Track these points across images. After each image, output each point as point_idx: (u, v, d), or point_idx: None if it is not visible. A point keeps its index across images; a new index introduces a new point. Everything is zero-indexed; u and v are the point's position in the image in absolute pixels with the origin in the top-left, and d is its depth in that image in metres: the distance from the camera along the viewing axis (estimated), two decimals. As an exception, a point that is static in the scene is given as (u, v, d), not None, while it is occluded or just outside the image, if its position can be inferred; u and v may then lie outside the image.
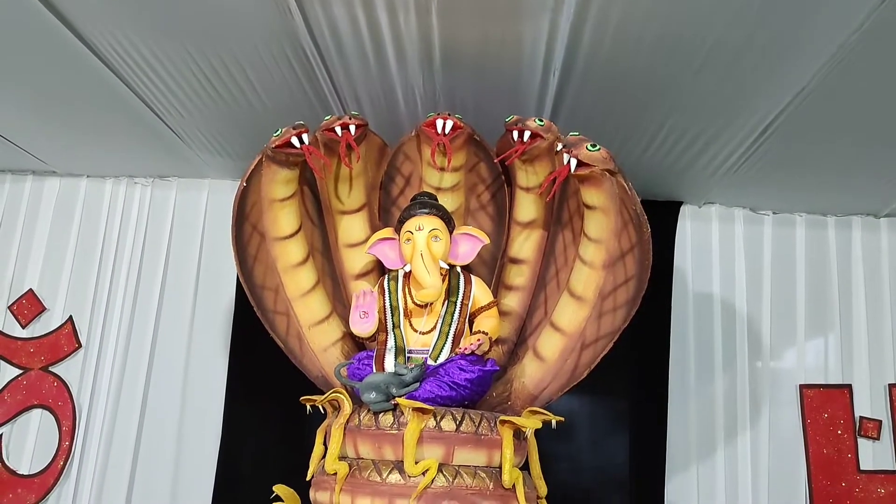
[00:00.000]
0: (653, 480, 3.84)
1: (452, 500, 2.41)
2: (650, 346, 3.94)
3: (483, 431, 2.53)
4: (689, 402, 3.91)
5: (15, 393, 4.09)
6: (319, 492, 2.59)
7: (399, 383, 2.54)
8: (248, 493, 3.50)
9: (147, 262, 4.16)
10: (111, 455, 3.98)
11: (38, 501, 3.95)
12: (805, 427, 3.86)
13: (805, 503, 3.80)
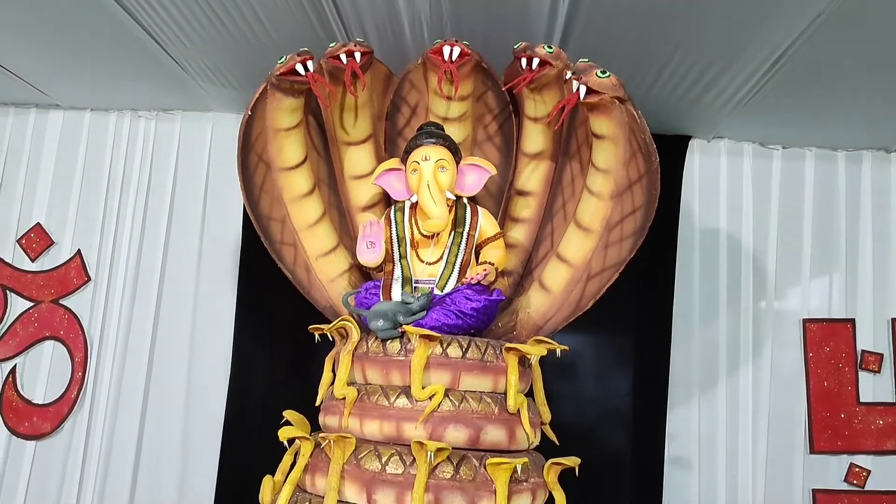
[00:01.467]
0: (654, 415, 3.90)
1: (458, 423, 2.47)
2: (655, 281, 3.96)
3: (489, 358, 2.57)
4: (692, 336, 3.95)
5: (27, 325, 4.15)
6: (329, 416, 2.65)
7: (406, 311, 2.57)
8: (259, 419, 3.58)
9: (153, 194, 4.16)
10: (123, 385, 4.06)
11: (54, 429, 4.05)
12: (807, 360, 3.91)
13: (804, 434, 3.87)
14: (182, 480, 3.93)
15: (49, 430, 4.05)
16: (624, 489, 3.91)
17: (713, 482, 3.89)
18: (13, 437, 4.06)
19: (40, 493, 3.99)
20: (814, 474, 3.84)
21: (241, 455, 3.78)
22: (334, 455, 2.43)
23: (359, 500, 2.40)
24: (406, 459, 2.41)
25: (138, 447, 3.98)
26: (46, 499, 3.98)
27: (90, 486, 3.94)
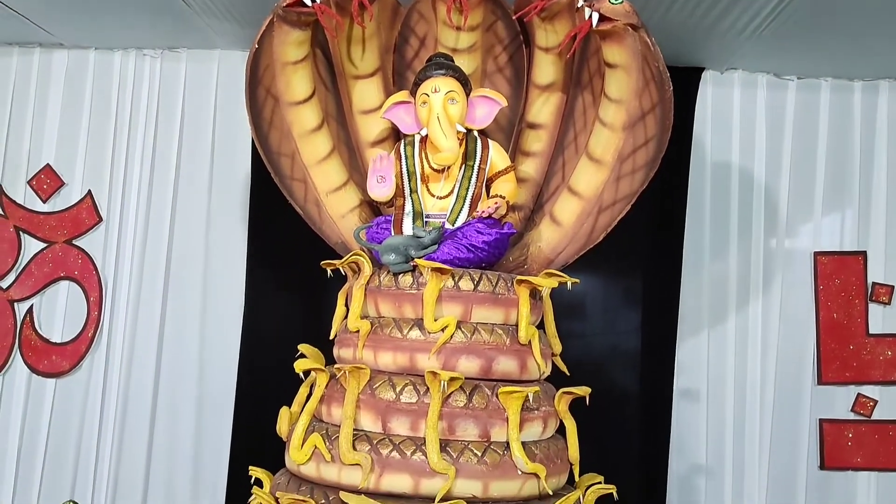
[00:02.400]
0: (663, 348, 3.94)
1: (470, 354, 2.50)
2: (666, 217, 3.95)
3: (500, 291, 2.59)
4: (702, 270, 3.96)
5: (41, 266, 4.19)
6: (343, 349, 2.69)
7: (417, 245, 2.58)
8: (274, 354, 3.63)
9: (161, 133, 4.14)
10: (139, 324, 4.12)
11: (72, 368, 4.13)
12: (817, 293, 3.92)
13: (813, 366, 3.91)
14: (199, 415, 4.02)
15: (68, 368, 4.13)
16: (633, 421, 3.98)
17: (721, 413, 3.95)
18: (34, 376, 4.14)
19: (62, 429, 4.09)
20: (821, 405, 3.89)
21: (257, 388, 3.86)
22: (349, 385, 2.47)
23: (374, 428, 2.46)
24: (420, 389, 2.46)
25: (155, 384, 4.06)
26: (68, 435, 4.09)
27: (110, 421, 4.04)
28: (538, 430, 2.54)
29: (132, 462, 4.01)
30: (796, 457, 3.87)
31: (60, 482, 3.99)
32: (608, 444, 3.50)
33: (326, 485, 2.45)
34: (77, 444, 4.05)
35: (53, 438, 4.07)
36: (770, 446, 3.89)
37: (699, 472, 3.95)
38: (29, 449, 4.06)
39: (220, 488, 3.93)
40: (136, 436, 4.03)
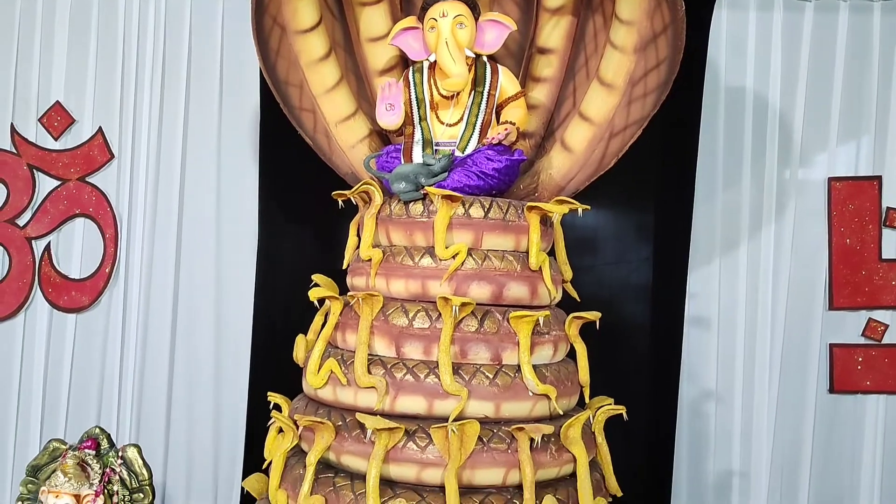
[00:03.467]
0: (675, 276, 3.96)
1: (482, 280, 2.53)
2: (678, 144, 3.91)
3: (511, 218, 2.60)
4: (715, 197, 3.93)
5: (56, 203, 4.23)
6: (356, 277, 2.72)
7: (427, 173, 2.58)
8: (288, 285, 3.70)
9: (169, 67, 4.10)
10: (154, 259, 4.17)
11: (92, 303, 4.21)
12: (830, 219, 3.89)
13: (824, 291, 3.92)
14: (218, 346, 4.11)
15: (87, 303, 4.21)
16: (643, 348, 4.03)
17: (731, 340, 3.99)
18: (54, 311, 4.23)
19: (85, 362, 4.19)
20: (831, 329, 3.91)
21: (273, 318, 3.93)
22: (363, 312, 2.52)
23: (388, 352, 2.51)
24: (432, 315, 2.49)
25: (174, 316, 4.14)
26: (91, 367, 4.19)
27: (131, 352, 4.13)
28: (549, 354, 2.59)
29: (154, 391, 4.12)
30: (805, 381, 3.92)
31: (86, 411, 4.12)
32: (618, 372, 3.55)
33: (343, 407, 2.51)
34: (100, 375, 4.16)
35: (77, 370, 4.18)
36: (780, 371, 3.93)
37: (709, 397, 4.01)
38: (54, 381, 4.18)
39: (240, 414, 4.04)
40: (157, 365, 4.13)
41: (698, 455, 3.99)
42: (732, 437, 3.99)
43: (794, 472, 3.96)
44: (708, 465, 3.99)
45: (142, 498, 2.75)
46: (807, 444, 3.92)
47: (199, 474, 4.12)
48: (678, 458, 3.96)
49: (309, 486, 2.39)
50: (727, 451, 3.99)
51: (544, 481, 2.41)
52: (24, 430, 4.15)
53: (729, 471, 3.99)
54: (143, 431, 4.04)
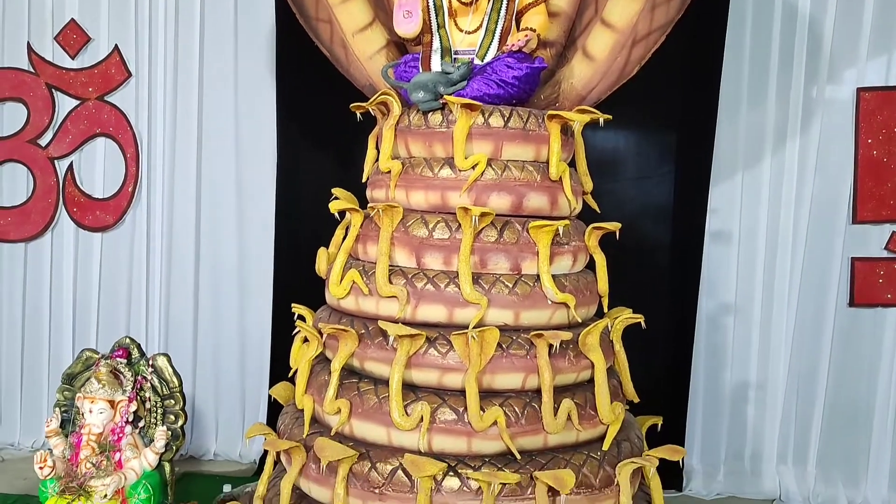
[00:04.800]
0: (696, 190, 3.92)
1: (501, 191, 2.53)
2: (703, 53, 3.80)
3: (531, 127, 2.57)
4: (740, 106, 3.86)
5: (77, 123, 4.25)
6: (376, 190, 2.73)
7: (446, 82, 2.55)
8: (308, 200, 3.73)
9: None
10: (176, 177, 4.21)
11: (116, 222, 4.27)
12: (857, 130, 3.80)
13: (848, 204, 3.87)
14: (241, 261, 4.19)
15: (112, 222, 4.28)
16: (663, 262, 4.03)
17: (752, 254, 3.98)
18: (80, 230, 4.31)
19: (112, 278, 4.29)
20: (854, 243, 3.88)
21: (294, 233, 3.97)
22: (383, 223, 2.53)
23: (408, 263, 2.54)
24: (452, 226, 2.51)
25: (197, 234, 4.21)
26: (118, 285, 4.30)
27: (157, 267, 4.23)
28: (568, 264, 2.60)
29: (181, 305, 4.23)
30: (825, 294, 3.92)
31: (115, 324, 4.24)
32: (638, 285, 3.55)
33: (365, 317, 2.56)
34: (128, 290, 4.27)
35: (105, 286, 4.29)
36: (800, 285, 3.93)
37: (728, 311, 4.04)
38: (83, 296, 4.29)
39: (265, 326, 4.14)
40: (183, 281, 4.22)
41: (715, 367, 4.04)
42: (750, 350, 4.03)
43: (810, 385, 4.00)
44: (725, 376, 4.04)
45: (173, 404, 2.85)
46: (824, 356, 3.95)
47: (226, 383, 4.27)
48: (695, 369, 4.02)
49: (334, 390, 2.46)
50: (744, 364, 4.04)
51: (562, 386, 2.46)
52: (58, 341, 4.30)
53: (745, 383, 4.05)
54: (171, 343, 4.16)
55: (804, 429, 4.02)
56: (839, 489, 3.95)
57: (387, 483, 2.32)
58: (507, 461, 2.34)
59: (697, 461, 4.10)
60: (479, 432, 2.32)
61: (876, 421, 3.95)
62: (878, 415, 3.95)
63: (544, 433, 2.39)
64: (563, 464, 2.36)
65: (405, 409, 2.35)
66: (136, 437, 2.73)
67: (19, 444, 4.36)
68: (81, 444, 2.65)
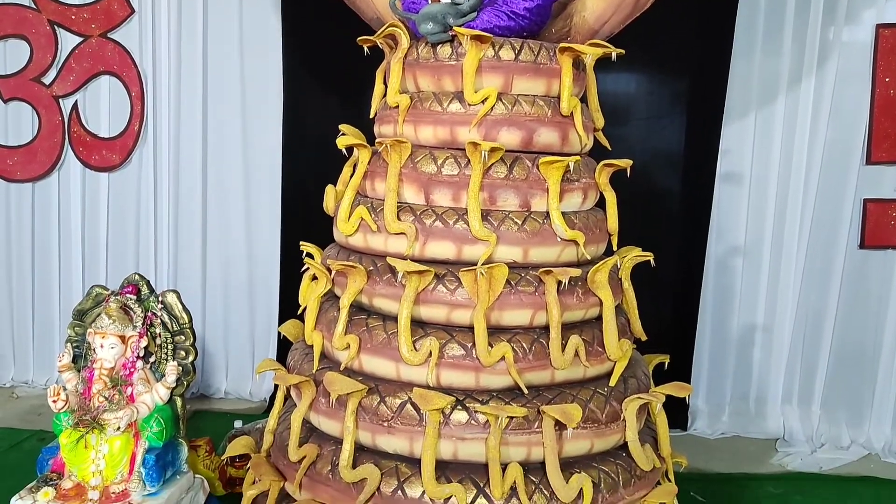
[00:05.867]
0: (708, 130, 3.87)
1: (511, 126, 2.48)
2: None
3: (542, 60, 2.51)
4: (755, 43, 3.80)
5: (80, 61, 4.20)
6: (383, 126, 2.69)
7: (456, 13, 2.48)
8: (315, 138, 3.70)
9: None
10: (181, 116, 4.18)
11: (123, 161, 4.26)
12: (875, 68, 3.74)
13: (863, 145, 3.82)
14: (248, 199, 4.19)
15: (118, 161, 4.26)
16: (673, 204, 4.01)
17: (763, 196, 3.96)
18: (87, 170, 4.30)
19: (121, 217, 4.30)
20: (867, 184, 3.85)
21: (301, 171, 3.96)
22: (391, 159, 2.50)
23: (417, 200, 2.51)
24: (460, 161, 2.47)
25: (203, 174, 4.20)
26: (126, 224, 4.31)
27: (164, 207, 4.23)
28: (578, 201, 2.57)
29: (188, 243, 4.25)
30: (836, 236, 3.90)
31: (124, 262, 4.28)
32: (648, 225, 3.54)
33: (374, 254, 2.55)
34: (135, 230, 4.29)
35: (113, 225, 4.30)
36: (811, 227, 3.91)
37: (737, 253, 4.03)
38: (92, 234, 4.31)
39: (273, 264, 4.16)
40: (190, 220, 4.24)
41: (723, 309, 4.05)
42: (758, 292, 4.04)
43: (817, 327, 4.01)
44: (732, 319, 4.06)
45: (183, 340, 2.87)
46: (832, 299, 3.95)
47: (235, 322, 4.31)
48: (703, 311, 4.03)
49: (343, 326, 2.47)
50: (752, 306, 4.05)
51: (570, 323, 2.46)
52: (67, 280, 4.33)
53: (752, 324, 4.06)
54: (180, 282, 4.19)
55: (810, 370, 4.05)
56: (843, 429, 4.00)
57: (396, 416, 2.34)
58: (515, 396, 2.35)
59: (703, 401, 4.15)
60: (486, 367, 2.33)
61: (882, 362, 3.98)
62: (885, 356, 3.97)
63: (552, 369, 2.39)
64: (570, 399, 2.37)
65: (413, 345, 2.36)
66: (148, 372, 2.76)
67: (33, 382, 4.44)
68: (93, 378, 2.67)
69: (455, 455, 2.31)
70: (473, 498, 2.26)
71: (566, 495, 2.27)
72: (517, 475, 2.26)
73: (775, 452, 3.92)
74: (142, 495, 2.63)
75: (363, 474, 2.31)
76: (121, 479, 2.63)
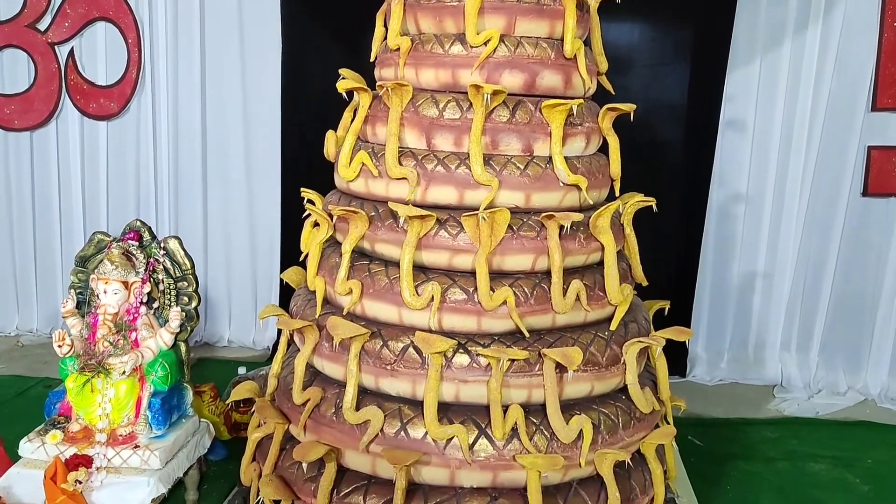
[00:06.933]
0: (712, 76, 3.82)
1: (514, 69, 2.45)
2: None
3: (545, 1, 2.47)
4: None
5: (75, 6, 4.13)
6: (384, 69, 2.66)
7: (457, -48, 2.43)
8: (315, 84, 3.66)
9: None
10: (179, 62, 4.13)
11: (121, 110, 4.22)
12: (883, 12, 3.68)
13: (868, 91, 3.78)
14: (248, 146, 4.17)
15: (116, 110, 4.22)
16: (676, 151, 3.99)
17: (766, 143, 3.93)
18: (85, 119, 4.26)
19: (120, 165, 4.29)
20: (872, 132, 3.82)
21: (301, 117, 3.92)
22: (392, 103, 2.48)
23: (418, 144, 2.49)
24: (462, 105, 2.45)
25: (203, 121, 4.17)
26: (126, 172, 4.29)
27: (164, 154, 4.22)
28: (581, 146, 2.55)
29: (189, 191, 4.24)
30: (839, 184, 3.89)
31: (125, 209, 4.27)
32: (650, 175, 3.51)
33: (375, 199, 2.54)
34: (135, 178, 4.27)
35: (113, 173, 4.29)
36: (813, 174, 3.90)
37: (739, 200, 4.01)
38: (92, 184, 4.30)
39: (274, 212, 4.16)
40: (190, 168, 4.22)
41: (724, 256, 4.06)
42: (759, 240, 4.04)
43: (817, 275, 4.03)
44: (733, 266, 4.07)
45: (186, 286, 2.88)
46: (833, 246, 3.96)
47: (238, 271, 4.33)
48: (703, 259, 4.04)
49: (345, 271, 2.47)
50: (753, 254, 4.06)
51: (572, 268, 2.47)
52: (68, 228, 4.34)
53: (753, 272, 4.08)
54: (182, 231, 4.19)
55: (809, 317, 4.08)
56: (840, 376, 4.04)
57: (398, 360, 2.36)
58: (516, 339, 2.37)
59: (702, 348, 4.19)
60: (488, 311, 2.35)
61: (881, 310, 4.00)
62: (884, 304, 3.99)
63: (553, 313, 2.41)
64: (571, 342, 2.39)
65: (416, 290, 2.36)
66: (151, 318, 2.78)
67: (37, 331, 4.47)
68: (98, 324, 2.70)
69: (457, 397, 2.34)
70: (475, 438, 2.29)
71: (566, 436, 2.31)
72: (518, 416, 2.29)
73: (772, 398, 3.98)
74: (148, 437, 2.67)
75: (367, 416, 2.35)
76: (127, 423, 2.67)
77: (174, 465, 2.69)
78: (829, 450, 3.45)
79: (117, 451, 2.60)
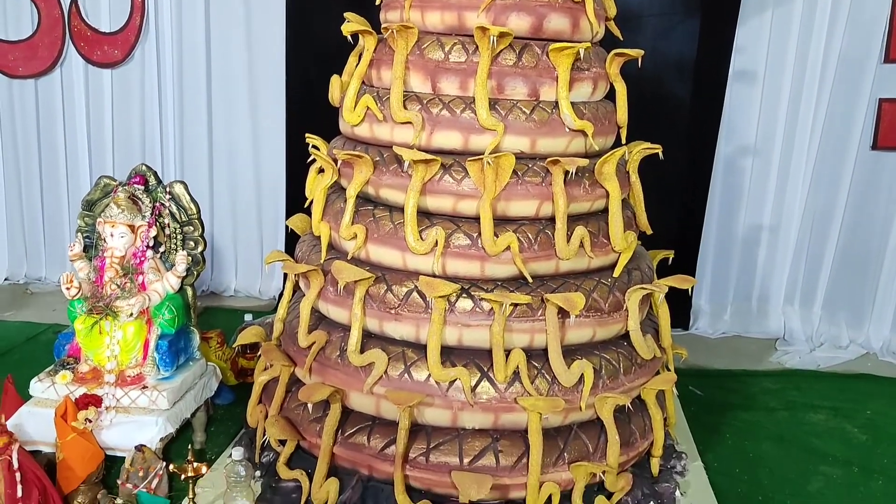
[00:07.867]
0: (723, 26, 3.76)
1: (521, 11, 2.42)
2: None
3: (554, -57, 2.42)
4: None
5: (77, -49, 4.08)
6: (389, 11, 2.62)
7: None
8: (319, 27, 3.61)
9: None
10: (183, 10, 4.08)
11: (125, 57, 4.19)
12: (900, -39, 3.60)
13: (882, 42, 3.71)
14: (252, 91, 4.15)
15: (121, 57, 4.19)
16: (683, 102, 3.94)
17: (776, 94, 3.89)
18: (89, 67, 4.23)
19: (125, 113, 4.27)
20: (884, 84, 3.77)
21: (306, 62, 3.89)
22: (398, 46, 2.45)
23: (423, 88, 2.47)
24: (468, 48, 2.42)
25: (208, 68, 4.14)
26: (131, 119, 4.28)
27: (169, 105, 4.19)
28: (587, 91, 2.53)
29: (194, 139, 4.23)
30: (848, 136, 3.85)
31: (131, 154, 4.27)
32: (657, 125, 3.48)
33: (380, 144, 2.54)
34: (141, 124, 4.27)
35: (118, 120, 4.28)
36: (823, 126, 3.86)
37: (747, 153, 3.99)
38: (97, 131, 4.29)
39: (278, 158, 4.15)
40: (195, 115, 4.20)
41: (730, 208, 4.05)
42: (766, 193, 4.02)
43: (823, 228, 4.02)
44: (739, 218, 4.06)
45: (192, 231, 2.89)
46: (841, 199, 3.94)
47: (243, 220, 4.34)
48: (710, 210, 4.03)
49: (350, 216, 2.48)
50: (759, 206, 4.04)
51: (576, 215, 2.47)
52: (74, 175, 4.35)
53: (759, 225, 4.07)
54: (187, 175, 4.18)
55: (813, 271, 4.08)
56: (842, 329, 4.06)
57: (402, 304, 2.38)
58: (519, 285, 2.38)
59: (705, 301, 4.20)
60: (492, 257, 2.35)
61: (885, 264, 3.99)
62: (889, 259, 3.98)
63: (556, 259, 2.41)
64: (574, 288, 2.40)
65: (420, 235, 2.37)
66: (158, 262, 2.80)
67: (46, 279, 4.51)
68: (105, 267, 2.72)
69: (460, 341, 2.36)
70: (477, 381, 2.32)
71: (567, 380, 2.34)
72: (520, 360, 2.32)
73: (775, 351, 4.00)
74: (156, 379, 2.71)
75: (371, 358, 2.37)
76: (135, 364, 2.71)
77: (182, 405, 2.73)
78: (829, 400, 3.48)
79: (126, 392, 2.64)
